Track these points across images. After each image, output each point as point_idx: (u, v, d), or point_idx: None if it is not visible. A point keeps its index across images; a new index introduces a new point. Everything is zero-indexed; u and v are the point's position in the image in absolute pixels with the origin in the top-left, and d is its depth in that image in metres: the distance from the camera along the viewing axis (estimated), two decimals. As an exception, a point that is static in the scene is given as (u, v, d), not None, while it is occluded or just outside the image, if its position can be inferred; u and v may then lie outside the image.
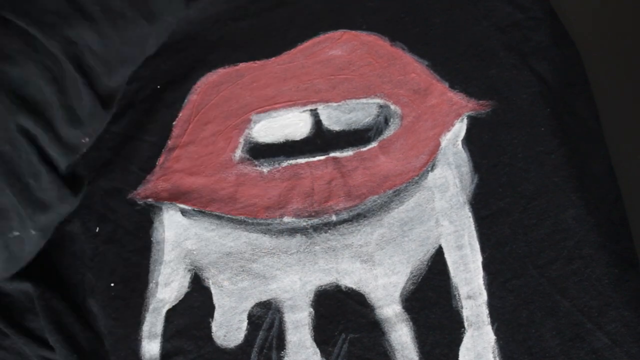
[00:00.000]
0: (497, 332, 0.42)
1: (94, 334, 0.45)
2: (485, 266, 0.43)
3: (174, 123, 0.48)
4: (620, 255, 0.43)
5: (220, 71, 0.49)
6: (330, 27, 0.50)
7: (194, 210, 0.46)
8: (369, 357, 0.42)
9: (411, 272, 0.44)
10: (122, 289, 0.45)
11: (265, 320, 0.43)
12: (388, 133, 0.47)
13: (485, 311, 0.42)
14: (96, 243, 0.46)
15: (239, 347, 0.43)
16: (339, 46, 0.50)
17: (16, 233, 0.44)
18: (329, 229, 0.45)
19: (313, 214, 0.45)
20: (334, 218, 0.45)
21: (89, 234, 0.46)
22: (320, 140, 0.48)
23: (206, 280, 0.45)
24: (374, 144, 0.47)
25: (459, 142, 0.46)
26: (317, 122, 0.48)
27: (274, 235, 0.45)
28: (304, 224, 0.45)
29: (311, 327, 0.43)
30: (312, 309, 0.43)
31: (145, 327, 0.44)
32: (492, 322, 0.42)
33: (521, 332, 0.42)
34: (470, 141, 0.46)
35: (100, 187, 0.47)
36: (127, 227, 0.46)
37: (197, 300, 0.44)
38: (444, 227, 0.44)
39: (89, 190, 0.47)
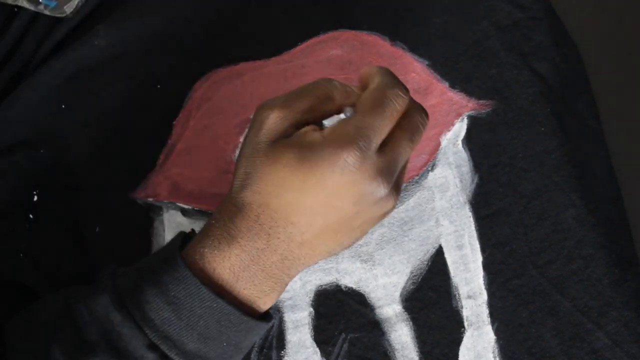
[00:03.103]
0: (497, 331, 0.42)
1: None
2: (486, 266, 0.43)
3: (174, 122, 0.47)
4: (620, 255, 0.43)
5: (221, 70, 0.49)
6: (331, 27, 0.50)
7: (194, 209, 0.45)
8: (369, 356, 0.42)
9: (411, 272, 0.44)
10: (122, 289, 0.45)
11: (265, 320, 0.43)
12: (388, 133, 0.47)
13: (485, 311, 0.42)
14: (96, 243, 0.46)
15: (239, 347, 0.43)
16: (339, 46, 0.49)
17: None
18: (329, 228, 0.45)
19: (313, 213, 0.45)
20: (334, 218, 0.45)
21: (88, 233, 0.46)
22: (321, 139, 0.47)
23: (206, 279, 0.44)
24: (374, 144, 0.47)
25: (459, 142, 0.46)
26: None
27: (274, 234, 0.45)
28: (304, 223, 0.45)
29: (311, 327, 0.43)
30: (312, 309, 0.43)
31: (145, 327, 0.44)
32: (492, 322, 0.42)
33: (521, 332, 0.42)
34: (470, 141, 0.46)
35: (99, 187, 0.47)
36: (127, 226, 0.46)
37: (197, 300, 0.44)
38: (444, 227, 0.44)
39: (88, 190, 0.47)
